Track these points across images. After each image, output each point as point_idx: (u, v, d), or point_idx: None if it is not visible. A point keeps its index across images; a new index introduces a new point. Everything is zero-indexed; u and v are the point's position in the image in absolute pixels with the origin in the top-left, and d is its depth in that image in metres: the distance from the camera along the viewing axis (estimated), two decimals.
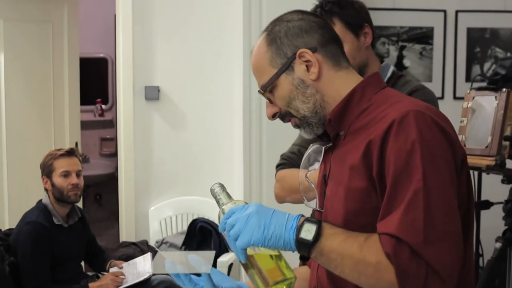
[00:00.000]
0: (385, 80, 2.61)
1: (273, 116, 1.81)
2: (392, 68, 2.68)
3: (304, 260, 1.62)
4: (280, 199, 2.73)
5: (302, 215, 1.60)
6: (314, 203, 1.87)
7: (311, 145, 1.86)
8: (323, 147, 1.81)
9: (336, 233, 1.58)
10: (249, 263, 1.63)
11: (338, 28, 2.49)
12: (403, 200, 1.52)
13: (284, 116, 1.81)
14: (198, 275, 1.76)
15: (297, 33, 1.78)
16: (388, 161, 1.56)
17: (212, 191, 1.75)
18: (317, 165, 1.86)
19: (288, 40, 1.77)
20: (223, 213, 1.68)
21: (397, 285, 1.49)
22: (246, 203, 1.69)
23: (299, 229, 1.57)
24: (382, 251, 1.51)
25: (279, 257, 1.65)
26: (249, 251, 1.63)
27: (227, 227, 1.62)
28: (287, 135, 2.86)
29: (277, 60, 1.77)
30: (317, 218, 1.80)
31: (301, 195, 1.92)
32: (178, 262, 1.71)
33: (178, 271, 1.70)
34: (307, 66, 1.75)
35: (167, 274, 4.08)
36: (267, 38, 1.80)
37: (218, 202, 1.73)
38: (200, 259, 1.71)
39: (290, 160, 2.76)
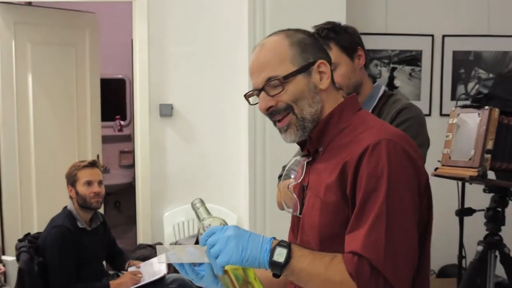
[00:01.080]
0: (377, 98, 2.64)
1: (268, 109, 1.77)
2: (383, 88, 2.69)
3: (276, 277, 1.63)
4: (282, 206, 2.74)
5: (274, 238, 1.61)
6: (292, 209, 1.89)
7: (293, 158, 1.92)
8: (305, 161, 1.84)
9: (304, 255, 1.60)
10: (224, 274, 1.65)
11: (335, 51, 2.52)
12: (367, 220, 1.57)
13: (280, 111, 1.76)
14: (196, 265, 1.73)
15: (319, 48, 1.80)
16: (359, 182, 1.61)
17: (192, 205, 1.77)
18: (293, 175, 1.90)
19: (312, 49, 1.78)
20: (203, 228, 1.71)
21: None
22: (224, 220, 1.72)
23: (272, 252, 1.57)
24: (345, 270, 1.55)
25: (249, 270, 1.67)
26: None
27: (208, 245, 1.61)
28: (288, 148, 2.88)
29: (299, 60, 1.75)
30: (295, 223, 1.87)
31: (283, 202, 1.95)
32: (179, 254, 1.70)
33: (183, 261, 1.66)
34: (321, 76, 1.76)
35: (179, 273, 4.11)
36: (288, 39, 1.78)
37: (197, 215, 1.76)
38: (197, 252, 1.67)
39: None
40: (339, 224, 1.66)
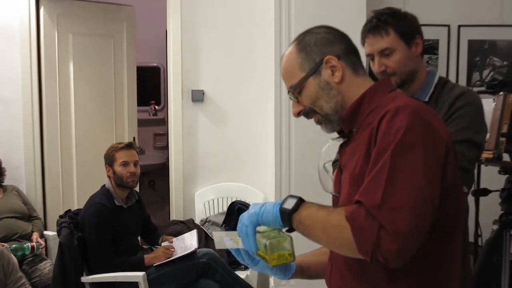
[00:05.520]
0: (433, 85, 2.48)
1: (298, 114, 1.79)
2: (437, 74, 2.53)
3: (289, 231, 1.64)
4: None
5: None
6: (331, 189, 1.86)
7: (330, 139, 1.85)
8: (339, 143, 1.81)
9: (312, 206, 1.60)
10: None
11: (392, 37, 2.40)
12: (371, 173, 1.53)
13: (308, 113, 1.78)
14: None
15: (325, 43, 1.75)
16: (377, 142, 1.56)
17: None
18: (333, 157, 1.87)
19: (316, 48, 1.74)
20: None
21: (354, 242, 1.48)
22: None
23: (283, 202, 1.61)
24: (344, 216, 1.51)
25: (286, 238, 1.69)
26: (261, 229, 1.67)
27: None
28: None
29: (306, 65, 1.74)
30: (335, 202, 1.82)
31: (321, 183, 1.89)
32: (234, 239, 1.69)
33: (240, 246, 1.68)
34: (332, 70, 1.72)
35: (209, 247, 4.03)
36: (297, 46, 1.77)
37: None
38: None
39: None
40: None
